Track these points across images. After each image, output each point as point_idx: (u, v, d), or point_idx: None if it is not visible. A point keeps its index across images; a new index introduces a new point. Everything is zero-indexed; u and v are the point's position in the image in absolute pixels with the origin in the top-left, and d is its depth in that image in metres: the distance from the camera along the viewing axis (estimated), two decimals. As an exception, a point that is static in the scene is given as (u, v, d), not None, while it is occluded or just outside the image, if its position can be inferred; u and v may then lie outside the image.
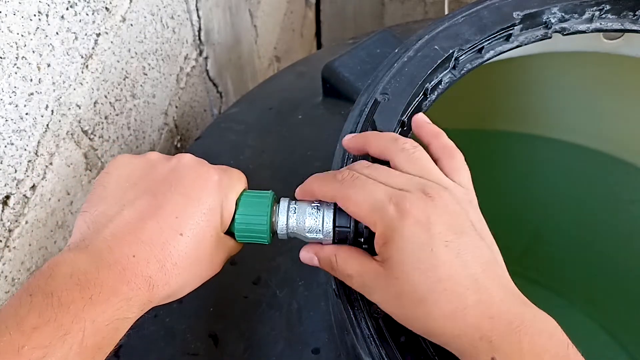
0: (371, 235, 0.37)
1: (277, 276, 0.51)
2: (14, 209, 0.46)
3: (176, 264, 0.34)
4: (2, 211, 0.44)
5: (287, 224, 0.38)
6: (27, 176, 0.47)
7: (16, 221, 0.46)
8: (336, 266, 0.36)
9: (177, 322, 0.50)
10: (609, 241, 0.83)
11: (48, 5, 0.46)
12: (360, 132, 0.47)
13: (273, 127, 0.66)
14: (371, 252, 0.37)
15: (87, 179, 0.56)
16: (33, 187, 0.48)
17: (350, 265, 0.35)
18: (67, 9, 0.48)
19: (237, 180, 0.39)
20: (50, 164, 0.50)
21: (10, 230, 0.46)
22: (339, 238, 0.37)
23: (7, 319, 0.28)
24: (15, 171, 0.45)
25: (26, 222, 0.47)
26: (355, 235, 0.37)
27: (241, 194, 0.39)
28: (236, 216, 0.38)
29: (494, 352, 0.30)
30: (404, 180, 0.35)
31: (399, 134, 0.47)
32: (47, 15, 0.46)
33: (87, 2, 0.51)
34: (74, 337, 0.28)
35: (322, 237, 0.38)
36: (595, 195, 0.85)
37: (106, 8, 0.54)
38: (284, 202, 0.39)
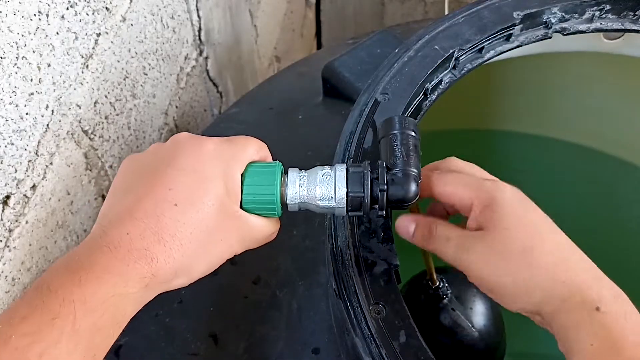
0: (389, 201, 0.36)
1: (277, 276, 0.51)
2: (14, 209, 0.46)
3: (175, 235, 0.32)
4: (3, 211, 0.44)
5: (297, 193, 0.37)
6: (28, 176, 0.47)
7: (16, 221, 0.46)
8: (435, 232, 0.38)
9: (177, 322, 0.50)
10: (609, 241, 0.83)
11: (48, 5, 0.46)
12: (360, 132, 0.47)
13: (273, 127, 0.66)
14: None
15: (87, 179, 0.56)
16: (33, 187, 0.48)
17: (450, 230, 0.38)
18: (67, 8, 0.48)
19: (241, 149, 0.37)
20: (51, 163, 0.50)
21: (10, 230, 0.46)
22: (353, 205, 0.36)
23: (1, 316, 0.28)
24: (16, 171, 0.45)
25: (26, 222, 0.47)
26: (371, 201, 0.36)
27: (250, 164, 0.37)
28: (243, 187, 0.36)
29: (600, 303, 0.32)
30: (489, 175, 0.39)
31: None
32: (47, 15, 0.46)
33: (87, 2, 0.51)
34: (64, 320, 0.28)
35: (334, 204, 0.36)
36: (595, 195, 0.85)
37: (106, 8, 0.54)
38: (292, 172, 0.37)
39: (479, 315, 0.47)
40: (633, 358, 0.31)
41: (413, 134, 0.38)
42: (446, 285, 0.47)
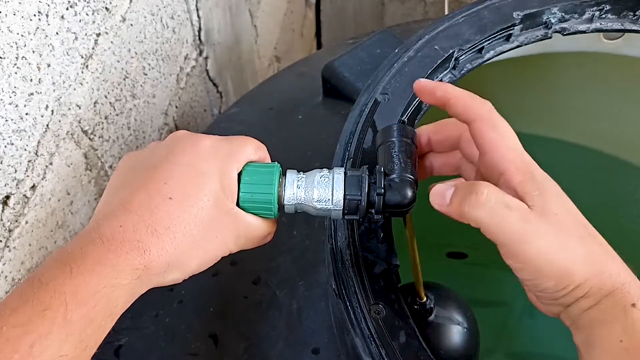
0: (386, 206, 0.35)
1: (277, 276, 0.51)
2: (14, 209, 0.46)
3: (169, 228, 0.32)
4: (2, 211, 0.44)
5: (294, 194, 0.37)
6: (27, 176, 0.47)
7: (16, 221, 0.46)
8: (483, 197, 0.32)
9: (177, 322, 0.50)
10: (609, 241, 0.83)
11: (48, 5, 0.46)
12: (360, 132, 0.47)
13: (273, 127, 0.66)
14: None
15: (87, 179, 0.56)
16: (33, 187, 0.48)
17: (507, 196, 0.33)
18: (67, 9, 0.48)
19: (238, 147, 0.37)
20: (50, 164, 0.50)
21: (10, 230, 0.46)
22: (350, 208, 0.36)
23: None
24: (15, 171, 0.45)
25: (26, 222, 0.47)
26: (368, 205, 0.36)
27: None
28: (241, 185, 0.36)
29: (636, 300, 0.32)
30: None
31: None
32: (47, 15, 0.46)
33: (87, 2, 0.51)
34: (56, 312, 0.28)
35: (331, 207, 0.36)
36: (595, 195, 0.85)
37: (106, 8, 0.54)
38: (290, 173, 0.38)
39: (459, 330, 0.46)
40: None
41: (411, 142, 0.38)
42: (432, 300, 0.45)
